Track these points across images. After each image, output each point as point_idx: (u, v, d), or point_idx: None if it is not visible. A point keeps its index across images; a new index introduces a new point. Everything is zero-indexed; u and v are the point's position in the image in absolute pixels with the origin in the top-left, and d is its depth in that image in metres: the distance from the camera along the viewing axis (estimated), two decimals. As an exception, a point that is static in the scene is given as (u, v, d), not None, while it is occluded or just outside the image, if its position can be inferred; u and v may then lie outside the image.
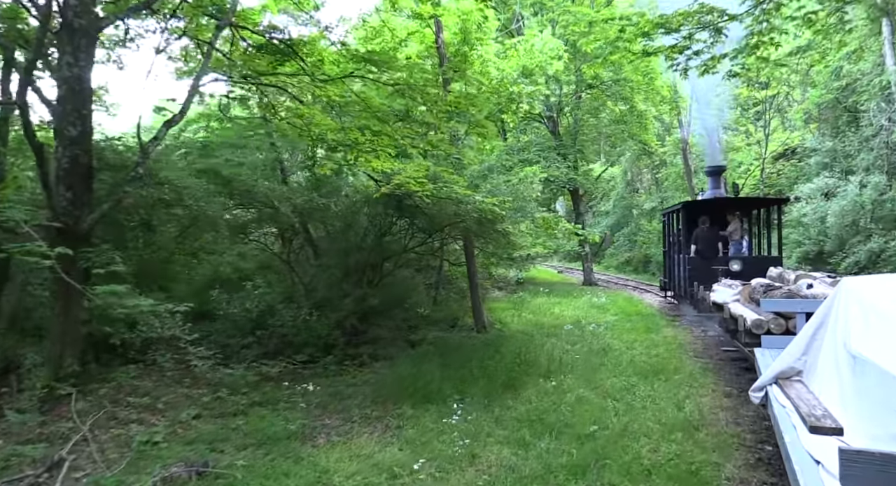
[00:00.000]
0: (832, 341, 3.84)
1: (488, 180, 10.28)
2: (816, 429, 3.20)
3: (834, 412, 3.41)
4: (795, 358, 4.30)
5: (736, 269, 11.20)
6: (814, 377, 4.05)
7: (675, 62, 10.96)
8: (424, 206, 7.57)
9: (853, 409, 3.20)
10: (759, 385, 4.55)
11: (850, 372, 3.36)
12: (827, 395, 3.66)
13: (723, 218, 12.84)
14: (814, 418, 3.33)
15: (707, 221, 12.57)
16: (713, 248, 12.38)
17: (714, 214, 12.75)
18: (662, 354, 9.39)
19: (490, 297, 16.13)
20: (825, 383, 3.78)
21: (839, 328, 3.76)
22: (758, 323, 6.27)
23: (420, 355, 8.30)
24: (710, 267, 11.59)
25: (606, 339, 10.39)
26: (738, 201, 13.37)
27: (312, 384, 7.16)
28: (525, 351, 8.78)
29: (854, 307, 3.66)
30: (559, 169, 20.12)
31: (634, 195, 35.08)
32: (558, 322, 12.20)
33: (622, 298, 17.34)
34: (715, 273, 11.09)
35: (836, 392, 3.53)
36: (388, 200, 8.34)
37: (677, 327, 12.26)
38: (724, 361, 8.96)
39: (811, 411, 3.47)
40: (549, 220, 10.32)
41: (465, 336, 9.93)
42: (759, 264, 10.87)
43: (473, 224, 8.06)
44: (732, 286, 9.02)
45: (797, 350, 4.30)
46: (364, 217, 8.87)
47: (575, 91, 23.12)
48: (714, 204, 13.27)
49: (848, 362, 3.42)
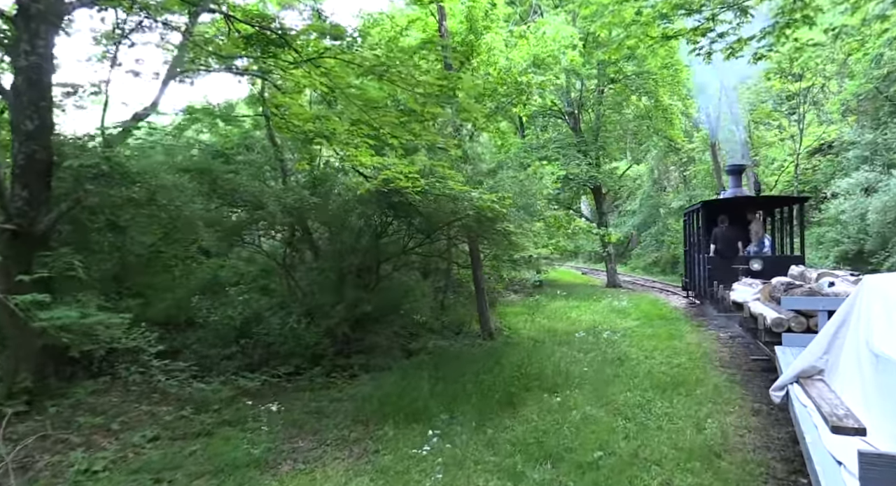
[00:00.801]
0: (854, 339, 3.82)
1: (497, 176, 9.57)
2: (838, 429, 3.12)
3: (856, 411, 3.34)
4: (817, 357, 4.26)
5: (756, 268, 11.02)
6: (836, 376, 4.02)
7: (698, 46, 10.13)
8: (417, 203, 6.92)
9: (876, 408, 3.16)
10: (780, 384, 4.50)
11: (873, 371, 3.33)
12: (849, 394, 3.62)
13: (743, 217, 12.63)
14: (836, 417, 3.26)
15: (726, 220, 12.51)
16: (733, 247, 12.22)
17: (734, 214, 12.65)
18: (685, 363, 8.58)
19: (505, 300, 15.41)
20: (847, 382, 3.75)
21: (861, 327, 3.73)
22: (778, 321, 6.17)
23: (414, 367, 7.64)
24: (729, 266, 11.45)
25: (623, 347, 9.60)
26: (758, 200, 13.04)
27: (292, 400, 6.56)
28: (530, 361, 8.06)
29: (877, 306, 3.62)
30: (579, 166, 19.25)
31: (662, 194, 33.89)
32: (573, 328, 11.43)
33: (646, 301, 16.43)
34: (735, 273, 10.95)
35: (858, 391, 3.50)
36: (379, 198, 7.72)
37: (703, 331, 11.38)
38: (752, 372, 8.10)
39: (833, 410, 3.40)
40: (559, 218, 9.58)
41: (468, 345, 9.24)
42: (780, 263, 10.54)
43: (473, 223, 7.38)
44: (752, 285, 8.88)
45: (819, 349, 4.26)
46: (358, 217, 8.23)
47: (597, 85, 22.27)
48: (734, 203, 13.03)
49: (870, 361, 3.39)
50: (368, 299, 7.94)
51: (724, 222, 12.51)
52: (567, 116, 22.50)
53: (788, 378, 4.37)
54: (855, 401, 3.47)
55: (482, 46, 10.92)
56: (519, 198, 8.10)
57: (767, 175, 28.44)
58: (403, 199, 7.28)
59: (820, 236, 18.95)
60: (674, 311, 14.34)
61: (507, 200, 6.94)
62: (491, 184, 8.71)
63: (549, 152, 20.04)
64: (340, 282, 8.05)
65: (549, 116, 24.83)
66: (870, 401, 3.28)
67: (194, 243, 9.32)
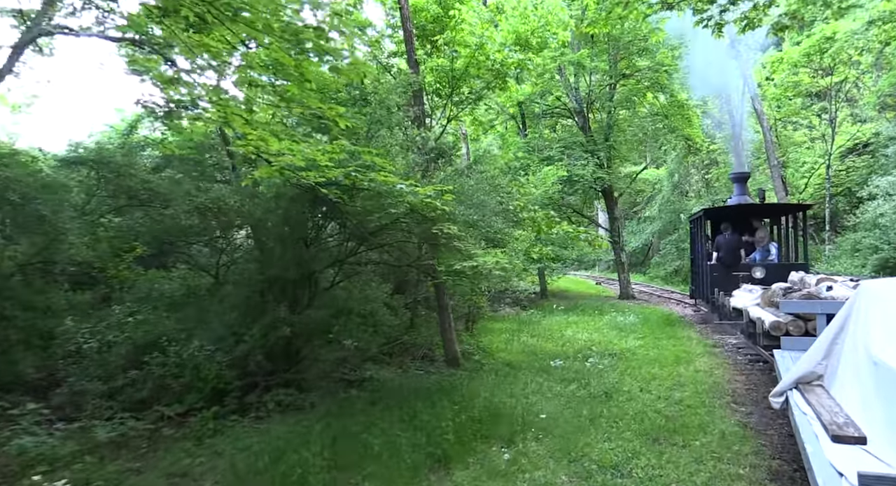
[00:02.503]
0: (853, 345, 3.79)
1: (462, 177, 8.00)
2: (839, 438, 3.05)
3: (856, 418, 3.30)
4: (816, 362, 4.22)
5: (759, 276, 11.04)
6: (835, 382, 3.99)
7: (706, 16, 8.50)
8: (337, 199, 5.40)
9: (877, 416, 3.09)
10: (779, 390, 4.45)
11: (872, 379, 3.27)
12: (849, 401, 3.56)
13: (746, 225, 12.68)
14: (836, 426, 3.20)
15: (729, 227, 12.44)
16: (735, 255, 12.17)
17: (736, 221, 12.60)
18: (688, 399, 6.90)
19: (495, 316, 13.79)
20: (847, 388, 3.70)
21: (860, 333, 3.71)
22: (776, 325, 6.29)
23: (340, 405, 6.09)
24: (731, 274, 11.50)
25: (614, 375, 7.92)
26: (761, 208, 13.14)
27: (165, 453, 5.06)
28: (492, 397, 6.47)
29: (875, 311, 3.60)
30: (585, 167, 17.54)
31: (683, 199, 31.81)
32: (561, 350, 9.76)
33: (657, 315, 14.65)
34: (736, 280, 10.95)
35: (858, 398, 3.44)
36: (306, 196, 6.25)
37: (716, 354, 9.65)
38: (773, 414, 6.40)
39: (833, 418, 3.33)
40: (537, 220, 7.98)
41: (423, 373, 7.65)
42: (783, 270, 10.27)
43: (410, 223, 5.85)
44: (752, 291, 8.96)
45: (818, 354, 4.23)
46: (281, 219, 6.71)
47: (608, 81, 20.62)
48: (736, 211, 12.99)
49: (869, 369, 3.33)
50: (292, 321, 6.41)
51: (727, 230, 12.40)
52: (576, 115, 20.85)
53: (787, 384, 4.32)
54: (854, 408, 3.41)
55: (453, 24, 9.43)
56: (472, 194, 6.53)
57: (797, 178, 26.40)
58: (320, 194, 5.79)
59: (856, 243, 16.96)
60: (685, 328, 12.55)
61: (446, 196, 5.40)
62: (471, 183, 7.16)
63: (552, 152, 18.40)
64: (262, 299, 6.57)
65: (556, 115, 23.22)
66: (869, 409, 3.21)
67: (130, 253, 8.01)
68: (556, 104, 22.04)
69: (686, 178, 32.38)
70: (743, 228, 12.59)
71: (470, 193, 6.52)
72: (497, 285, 12.39)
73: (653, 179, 34.44)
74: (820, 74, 23.97)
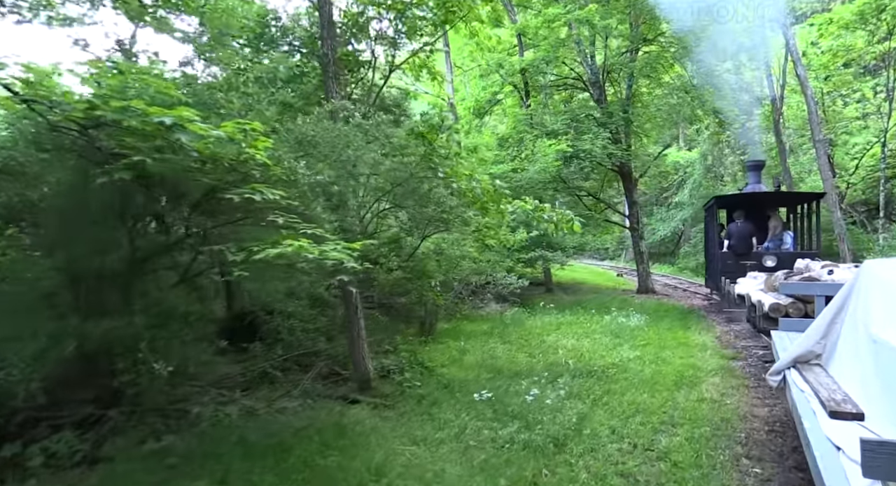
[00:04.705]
0: (853, 324, 3.73)
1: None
2: (837, 414, 3.01)
3: (855, 396, 3.24)
4: (815, 341, 4.13)
5: (770, 265, 10.95)
6: (833, 361, 3.95)
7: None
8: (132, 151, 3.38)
9: (875, 393, 3.06)
10: (776, 369, 4.36)
11: (872, 357, 3.22)
12: (847, 379, 3.52)
13: (758, 213, 12.59)
14: (833, 402, 3.14)
15: (742, 215, 12.37)
16: (746, 243, 12.07)
17: (749, 209, 12.49)
18: (677, 450, 4.65)
19: (475, 314, 11.62)
20: (845, 366, 3.67)
21: (860, 312, 3.64)
22: (775, 306, 6.49)
23: (141, 460, 4.06)
24: (740, 262, 11.42)
25: (583, 406, 5.68)
26: (774, 196, 13.16)
27: None
28: (378, 449, 4.34)
29: (876, 291, 3.48)
30: (593, 142, 15.07)
31: (717, 182, 28.85)
32: (529, 365, 7.53)
33: (672, 315, 12.26)
34: (744, 268, 10.81)
35: (856, 376, 3.40)
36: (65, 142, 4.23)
37: (735, 371, 7.31)
38: (803, 481, 4.10)
39: (831, 395, 3.27)
40: (488, 192, 5.77)
41: (309, 405, 5.48)
42: (795, 259, 9.62)
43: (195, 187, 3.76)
44: (757, 278, 9.01)
45: (816, 333, 4.15)
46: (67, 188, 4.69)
47: (628, 47, 18.17)
48: (748, 199, 12.86)
49: (869, 347, 3.27)
50: (89, 332, 4.42)
51: (740, 218, 12.37)
52: (591, 86, 18.38)
53: (785, 363, 4.23)
54: (853, 386, 3.36)
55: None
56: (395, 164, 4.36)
57: (849, 160, 23.37)
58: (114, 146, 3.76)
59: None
60: (702, 332, 10.11)
61: (260, 142, 3.28)
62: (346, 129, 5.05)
63: (556, 126, 15.99)
64: (48, 303, 4.59)
65: (569, 87, 20.72)
66: (868, 386, 3.16)
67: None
68: (568, 74, 19.60)
69: (720, 160, 29.41)
70: (756, 217, 12.48)
71: (341, 146, 4.39)
72: (469, 278, 10.27)
73: (684, 162, 31.55)
74: (877, 40, 20.89)
